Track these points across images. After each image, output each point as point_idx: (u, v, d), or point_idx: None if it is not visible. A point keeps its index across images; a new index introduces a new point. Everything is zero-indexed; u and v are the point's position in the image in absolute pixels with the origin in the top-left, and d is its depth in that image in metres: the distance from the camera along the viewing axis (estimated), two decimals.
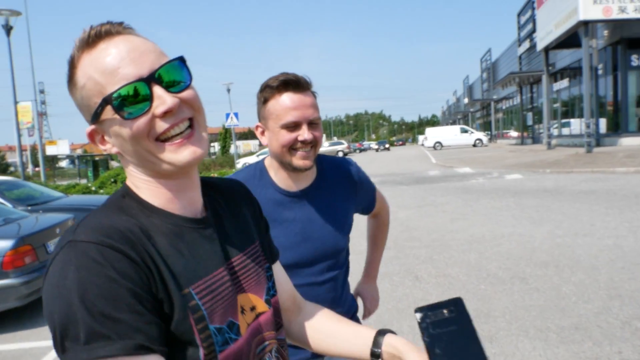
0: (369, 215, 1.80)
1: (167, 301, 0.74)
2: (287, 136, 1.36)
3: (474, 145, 37.94)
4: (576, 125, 25.51)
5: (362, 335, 1.04)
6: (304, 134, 1.35)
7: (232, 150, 36.30)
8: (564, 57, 26.67)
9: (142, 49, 0.77)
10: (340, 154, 43.28)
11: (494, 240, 6.80)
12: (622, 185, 10.91)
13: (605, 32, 21.46)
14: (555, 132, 28.64)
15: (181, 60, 0.80)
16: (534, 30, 27.79)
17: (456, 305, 0.86)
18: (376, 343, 1.00)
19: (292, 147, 1.36)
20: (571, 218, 7.92)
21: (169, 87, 0.77)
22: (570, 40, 21.60)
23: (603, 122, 22.96)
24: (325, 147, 46.76)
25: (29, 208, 7.32)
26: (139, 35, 0.81)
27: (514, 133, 40.91)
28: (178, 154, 0.78)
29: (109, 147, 0.81)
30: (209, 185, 0.97)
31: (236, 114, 22.96)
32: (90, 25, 0.78)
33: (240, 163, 28.25)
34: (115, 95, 0.74)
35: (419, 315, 0.85)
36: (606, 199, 9.42)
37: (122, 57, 0.75)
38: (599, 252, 5.84)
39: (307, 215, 1.45)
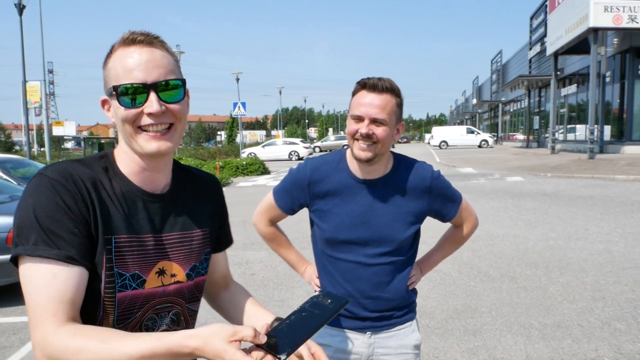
0: (452, 224, 1.87)
1: (95, 235, 0.98)
2: (352, 126, 1.57)
3: (479, 146, 37.94)
4: (581, 131, 25.52)
5: (263, 318, 1.17)
6: (362, 127, 1.53)
7: (238, 139, 36.46)
8: (573, 63, 26.64)
9: (157, 63, 1.00)
10: (345, 147, 43.35)
11: (489, 239, 6.96)
12: (620, 193, 11.04)
13: (615, 40, 21.43)
14: (560, 137, 28.65)
15: (182, 82, 1.04)
16: (545, 34, 27.74)
17: (337, 303, 0.96)
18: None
19: (354, 137, 1.56)
20: (566, 222, 8.06)
21: (164, 97, 1.01)
22: (580, 46, 21.59)
23: (608, 129, 22.98)
24: (332, 140, 46.84)
25: None
26: (164, 50, 1.04)
27: (520, 136, 40.88)
28: (148, 143, 1.01)
29: (110, 116, 1.05)
30: (184, 171, 1.19)
31: (244, 104, 23.11)
32: (133, 31, 1.02)
33: (245, 153, 28.42)
34: (121, 88, 0.99)
35: (317, 293, 1.01)
36: (603, 204, 9.55)
37: (139, 63, 0.99)
38: (589, 256, 5.99)
39: (370, 202, 1.62)
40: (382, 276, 1.66)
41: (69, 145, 41.04)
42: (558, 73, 26.51)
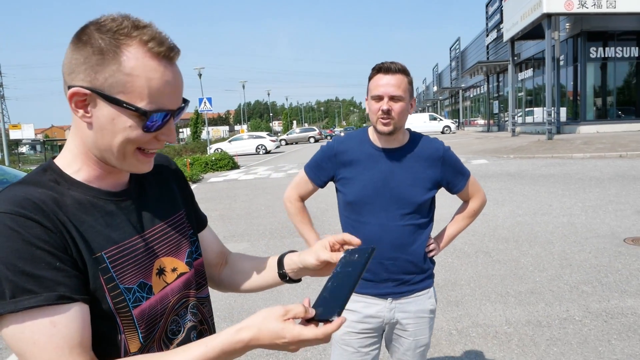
0: (461, 199, 2.09)
1: (81, 261, 0.83)
2: (374, 105, 1.78)
3: (442, 132, 38.81)
4: (539, 113, 26.54)
5: (270, 265, 1.14)
6: (383, 104, 1.75)
7: (203, 135, 36.05)
8: (529, 48, 27.60)
9: (180, 84, 0.88)
10: (312, 140, 43.53)
11: None
12: (578, 170, 11.67)
13: (567, 25, 22.36)
14: (519, 120, 29.69)
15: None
16: (501, 21, 28.59)
17: (365, 254, 0.93)
18: (280, 265, 1.12)
19: (376, 115, 1.78)
20: (531, 199, 8.52)
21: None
22: (534, 31, 22.43)
23: (564, 111, 24.00)
24: (297, 132, 46.87)
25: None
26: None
27: (480, 121, 42.05)
28: (142, 164, 0.91)
29: (86, 117, 0.84)
30: None
31: (209, 99, 22.90)
32: (160, 36, 0.84)
33: (212, 149, 28.17)
34: (152, 117, 0.84)
35: (343, 254, 0.98)
36: (563, 182, 10.11)
37: (175, 87, 0.86)
38: (554, 229, 6.40)
39: (390, 168, 1.84)
40: (402, 238, 1.84)
41: (23, 149, 39.43)
42: (515, 58, 27.42)
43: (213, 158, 20.14)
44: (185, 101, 0.90)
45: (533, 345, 3.35)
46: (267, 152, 31.44)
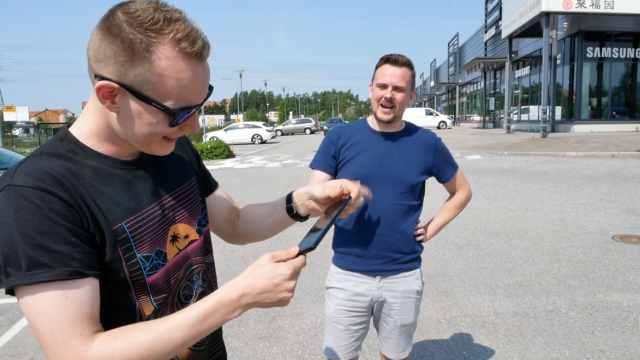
0: (448, 191, 2.21)
1: (99, 234, 0.85)
2: (378, 92, 1.91)
3: (438, 128, 38.91)
4: (534, 111, 26.67)
5: (280, 202, 1.18)
6: (387, 93, 1.88)
7: (199, 123, 35.89)
8: (527, 46, 27.67)
9: (208, 79, 0.89)
10: (308, 132, 43.50)
11: None
12: (571, 168, 11.80)
13: (565, 24, 22.43)
14: (515, 117, 29.82)
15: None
16: (500, 18, 28.61)
17: (342, 203, 1.04)
18: (288, 200, 1.15)
19: (379, 102, 1.91)
20: (523, 195, 8.62)
21: None
22: (533, 29, 22.47)
23: (559, 110, 24.14)
24: (293, 124, 46.81)
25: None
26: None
27: (476, 117, 42.17)
28: (165, 149, 0.93)
29: (113, 107, 0.85)
30: None
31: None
32: (196, 30, 0.84)
33: (207, 137, 28.11)
34: (180, 116, 0.86)
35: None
36: (556, 179, 10.22)
37: (204, 84, 0.87)
38: (545, 225, 6.51)
39: (387, 149, 1.96)
40: (394, 216, 1.94)
41: (16, 132, 39.06)
42: (512, 55, 27.48)
43: (208, 146, 20.12)
44: (210, 88, 0.91)
45: (519, 335, 3.44)
46: (263, 142, 31.42)
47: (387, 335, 2.09)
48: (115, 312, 0.88)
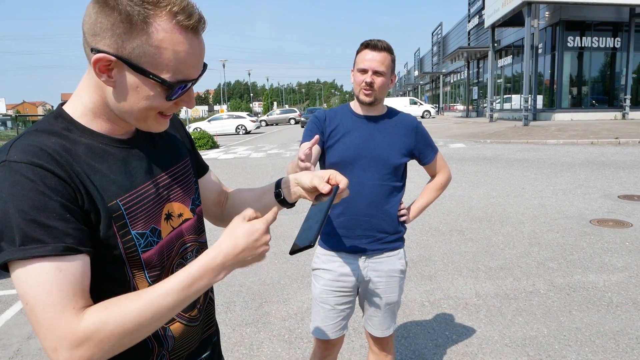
0: (429, 174, 2.27)
1: (94, 212, 0.85)
2: (359, 77, 1.96)
3: (422, 117, 39.12)
4: (517, 100, 27.00)
5: (269, 187, 1.20)
6: (367, 77, 1.93)
7: (182, 115, 35.59)
8: (509, 35, 27.91)
9: (203, 53, 0.90)
10: (292, 122, 43.39)
11: (437, 200, 7.48)
12: (551, 155, 12.02)
13: (547, 14, 22.67)
14: (497, 106, 30.15)
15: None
16: (483, 7, 28.76)
17: (331, 194, 1.04)
18: (277, 186, 1.18)
19: (360, 86, 1.96)
20: (505, 182, 8.78)
21: None
22: (515, 19, 22.67)
23: (540, 99, 24.47)
24: (277, 114, 46.64)
25: None
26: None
27: (460, 106, 42.54)
28: (160, 125, 0.94)
29: (109, 81, 0.85)
30: None
31: None
32: (192, 4, 0.85)
33: (191, 128, 27.88)
34: (176, 90, 0.88)
35: (312, 203, 1.08)
36: (537, 166, 10.41)
37: (199, 57, 0.88)
38: (525, 210, 6.65)
39: (371, 132, 2.01)
40: (378, 197, 2.00)
41: None
42: (495, 45, 27.70)
43: (192, 137, 19.98)
44: (205, 65, 0.92)
45: (500, 316, 3.54)
46: (247, 133, 31.27)
47: (373, 313, 2.15)
48: (111, 288, 0.89)
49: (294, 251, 0.90)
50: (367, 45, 1.94)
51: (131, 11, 0.80)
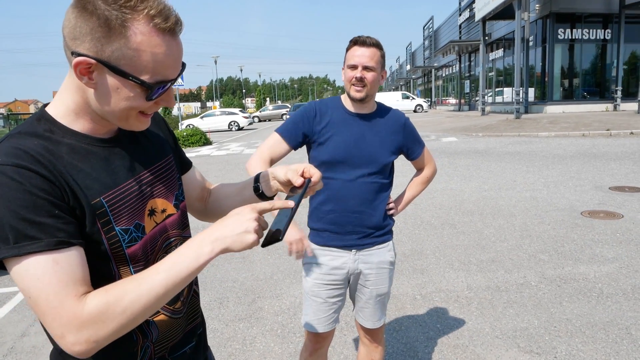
0: (416, 168, 2.29)
1: (79, 208, 0.89)
2: (349, 73, 1.96)
3: (415, 111, 39.18)
4: (508, 93, 27.05)
5: (249, 182, 1.22)
6: (357, 73, 1.93)
7: (175, 112, 35.39)
8: (500, 28, 27.93)
9: (181, 54, 0.92)
10: (285, 117, 43.29)
11: (429, 193, 7.51)
12: (543, 148, 12.08)
13: (537, 6, 22.70)
14: (489, 99, 30.21)
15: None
16: (473, 1, 28.76)
17: (303, 186, 1.08)
18: (255, 180, 1.20)
19: (350, 82, 1.96)
20: (497, 175, 8.81)
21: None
22: (505, 11, 22.70)
23: (532, 91, 24.55)
24: (270, 110, 46.51)
25: None
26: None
27: (452, 100, 42.56)
28: (142, 124, 0.97)
29: (90, 83, 0.88)
30: None
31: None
32: (168, 7, 0.87)
33: (183, 125, 27.75)
34: (156, 90, 0.90)
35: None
36: (528, 159, 10.46)
37: (177, 59, 0.90)
38: (517, 203, 6.68)
39: (362, 131, 2.01)
40: (368, 194, 2.01)
41: None
42: (486, 38, 27.72)
43: (185, 134, 19.88)
44: (183, 65, 0.94)
45: (491, 308, 3.56)
46: (240, 129, 31.18)
47: (364, 305, 2.17)
48: (97, 282, 0.91)
49: (265, 244, 0.94)
50: (356, 41, 1.95)
51: (109, 15, 0.82)
